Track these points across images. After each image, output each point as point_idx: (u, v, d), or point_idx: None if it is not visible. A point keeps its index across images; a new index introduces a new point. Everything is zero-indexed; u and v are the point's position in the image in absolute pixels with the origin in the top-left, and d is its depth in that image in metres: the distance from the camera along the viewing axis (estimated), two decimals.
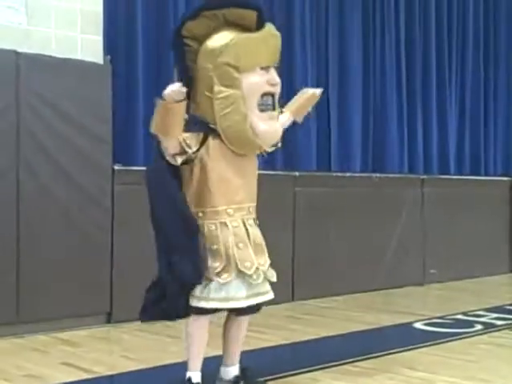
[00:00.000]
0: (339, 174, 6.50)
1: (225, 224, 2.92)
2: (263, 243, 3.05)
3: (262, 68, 2.91)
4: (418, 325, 4.98)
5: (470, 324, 5.00)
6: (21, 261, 4.49)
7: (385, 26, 7.08)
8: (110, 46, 5.05)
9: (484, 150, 8.18)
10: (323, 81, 6.59)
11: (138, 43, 5.30)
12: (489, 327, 4.88)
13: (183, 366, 3.12)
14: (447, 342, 4.42)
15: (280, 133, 3.10)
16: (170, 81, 5.20)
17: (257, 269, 2.94)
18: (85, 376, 3.56)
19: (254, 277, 2.93)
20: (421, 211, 7.09)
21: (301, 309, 5.66)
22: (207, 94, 2.91)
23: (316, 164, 6.52)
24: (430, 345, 4.31)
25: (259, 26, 2.90)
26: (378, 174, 6.74)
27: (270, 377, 3.48)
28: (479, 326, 4.92)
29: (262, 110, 2.93)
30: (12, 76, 4.45)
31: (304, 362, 3.86)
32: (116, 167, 4.87)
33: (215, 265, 2.91)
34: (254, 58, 2.88)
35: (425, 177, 7.21)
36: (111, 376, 3.62)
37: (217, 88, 2.85)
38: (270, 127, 2.98)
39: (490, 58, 8.26)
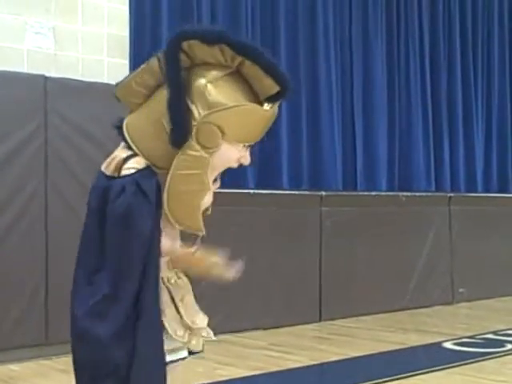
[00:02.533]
0: (365, 194, 6.49)
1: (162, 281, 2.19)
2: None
3: (244, 145, 2.26)
4: (448, 344, 4.93)
5: (501, 343, 4.93)
6: (49, 283, 4.53)
7: (409, 45, 7.09)
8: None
9: (511, 167, 8.12)
10: (348, 98, 6.61)
11: None
12: None
13: None
14: (477, 361, 4.37)
15: None
16: None
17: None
18: None
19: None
20: (448, 229, 7.03)
21: (328, 329, 5.63)
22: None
23: (342, 183, 6.51)
24: (459, 365, 4.25)
25: (273, 101, 2.22)
26: (404, 193, 6.71)
27: None
28: (510, 346, 4.85)
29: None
30: (41, 100, 4.52)
31: (332, 382, 3.83)
32: None
33: None
34: (247, 135, 2.25)
35: (452, 195, 7.16)
36: None
37: (191, 141, 2.15)
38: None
39: None
